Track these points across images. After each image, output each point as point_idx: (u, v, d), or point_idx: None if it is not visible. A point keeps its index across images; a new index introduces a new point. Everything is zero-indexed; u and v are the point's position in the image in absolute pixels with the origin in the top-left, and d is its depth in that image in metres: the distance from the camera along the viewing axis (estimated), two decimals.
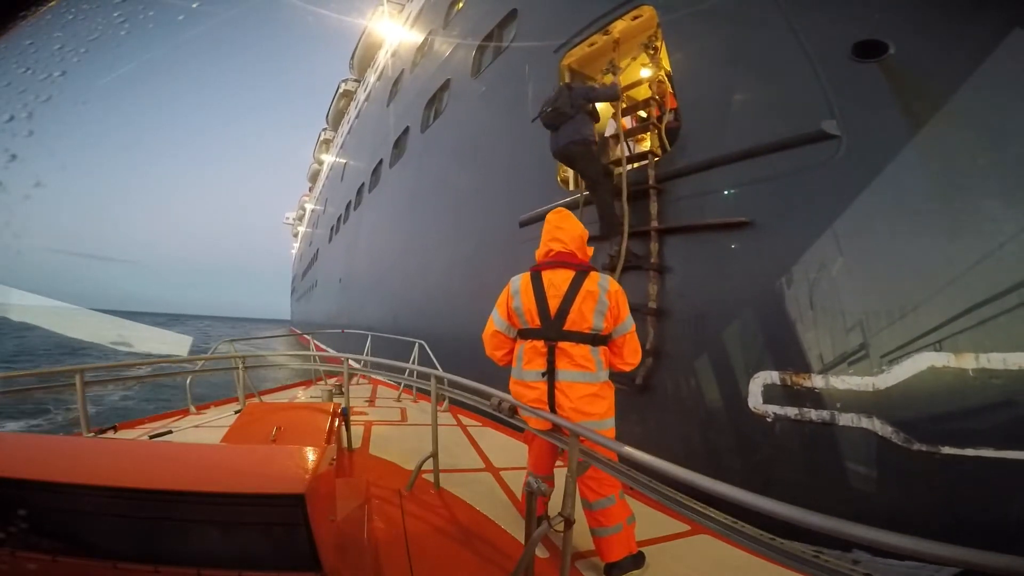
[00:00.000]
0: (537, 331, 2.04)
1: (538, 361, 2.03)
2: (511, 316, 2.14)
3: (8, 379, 3.70)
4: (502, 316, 2.17)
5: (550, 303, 2.02)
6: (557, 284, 2.04)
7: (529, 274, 2.13)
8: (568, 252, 2.10)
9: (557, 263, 2.10)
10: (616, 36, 5.04)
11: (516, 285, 2.14)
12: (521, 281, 2.13)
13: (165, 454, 1.43)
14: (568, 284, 2.02)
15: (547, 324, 2.02)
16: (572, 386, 1.99)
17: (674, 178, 3.88)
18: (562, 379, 1.99)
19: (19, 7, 0.98)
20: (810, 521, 1.03)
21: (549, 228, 2.15)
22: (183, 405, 5.10)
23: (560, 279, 2.05)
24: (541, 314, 2.03)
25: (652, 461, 1.41)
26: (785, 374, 2.90)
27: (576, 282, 2.02)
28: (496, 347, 2.23)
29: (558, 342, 2.00)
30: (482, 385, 2.68)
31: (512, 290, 2.14)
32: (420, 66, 11.33)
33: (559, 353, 2.00)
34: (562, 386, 1.99)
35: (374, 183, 14.26)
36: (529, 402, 2.07)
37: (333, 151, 26.17)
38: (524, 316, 2.07)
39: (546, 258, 2.13)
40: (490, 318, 2.23)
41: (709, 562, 2.20)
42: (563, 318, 2.00)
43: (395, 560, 2.04)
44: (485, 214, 6.92)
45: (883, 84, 2.81)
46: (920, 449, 2.40)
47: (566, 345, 1.99)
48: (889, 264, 2.68)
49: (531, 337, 2.06)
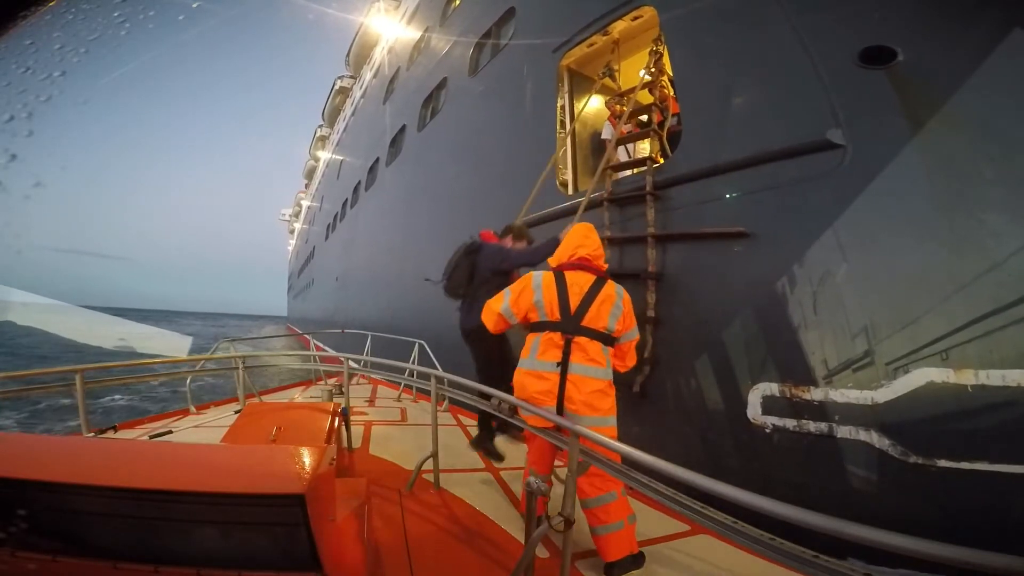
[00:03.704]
0: (556, 324, 2.17)
1: (553, 352, 2.15)
2: (526, 308, 2.28)
3: (8, 379, 3.70)
4: (511, 305, 2.32)
5: (571, 300, 2.19)
6: (580, 284, 2.22)
7: (552, 273, 2.30)
8: (591, 258, 2.29)
9: (580, 266, 2.28)
10: (616, 37, 5.01)
11: (538, 280, 2.29)
12: (544, 278, 2.29)
13: (165, 454, 1.43)
14: (589, 286, 2.21)
15: (566, 319, 2.16)
16: (584, 380, 2.10)
17: (673, 185, 3.83)
18: (574, 372, 2.10)
19: (19, 7, 0.98)
20: (810, 521, 1.03)
21: (577, 236, 2.34)
22: (185, 405, 5.11)
23: (583, 280, 2.23)
24: (562, 309, 2.18)
25: (652, 461, 1.42)
26: (785, 386, 2.89)
27: (596, 285, 2.21)
28: (494, 324, 2.42)
29: (575, 336, 2.13)
30: (482, 385, 2.69)
31: (534, 284, 2.29)
32: (417, 64, 11.26)
33: (575, 347, 2.13)
34: (574, 379, 2.10)
35: (371, 182, 14.22)
36: (537, 393, 2.14)
37: (329, 148, 26.11)
38: (544, 309, 2.22)
39: (571, 260, 2.29)
40: (501, 297, 2.39)
41: (709, 562, 2.20)
42: (582, 315, 2.15)
43: (395, 560, 2.05)
44: (483, 215, 6.90)
45: (890, 93, 2.75)
46: (916, 462, 2.40)
47: (582, 340, 2.13)
48: (892, 277, 2.64)
49: (548, 329, 2.19)
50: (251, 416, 2.63)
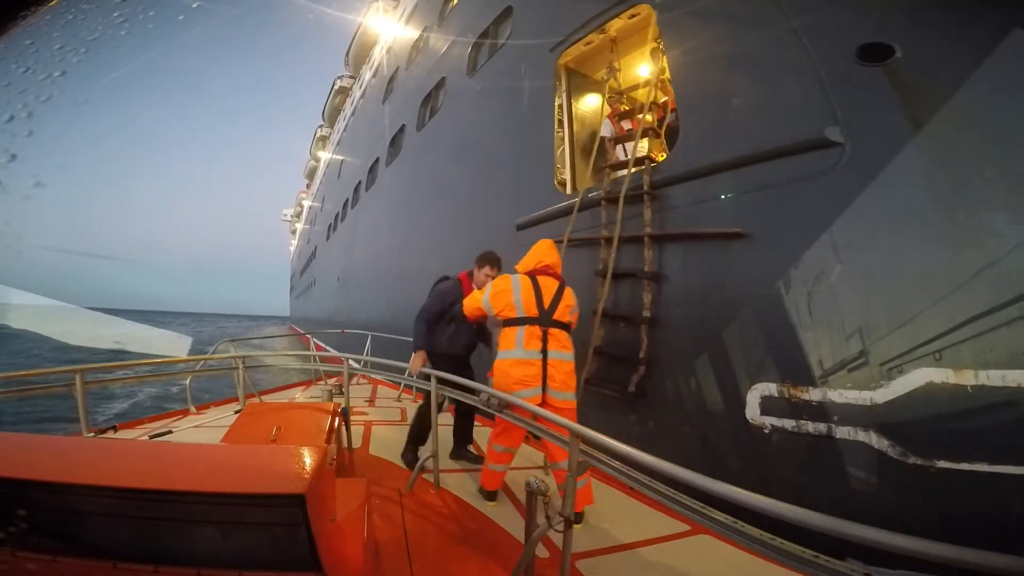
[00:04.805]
0: (534, 319, 2.65)
1: (535, 342, 2.61)
2: (504, 304, 2.70)
3: (8, 379, 3.70)
4: (490, 299, 2.76)
5: (544, 299, 2.68)
6: (548, 287, 2.73)
7: (528, 277, 2.74)
8: (553, 266, 2.81)
9: (546, 273, 2.78)
10: (613, 35, 5.00)
11: (516, 283, 2.73)
12: (521, 280, 2.74)
13: (165, 454, 1.43)
14: (555, 289, 2.74)
15: (542, 314, 2.66)
16: (561, 363, 2.62)
17: (670, 184, 3.82)
18: (553, 357, 2.61)
19: (19, 7, 0.98)
20: (810, 521, 1.03)
21: (542, 249, 2.85)
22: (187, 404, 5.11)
23: (551, 284, 2.75)
24: (538, 307, 2.66)
25: (652, 461, 1.41)
26: (783, 386, 2.89)
27: (560, 289, 2.76)
28: (473, 312, 2.93)
29: (550, 328, 2.64)
30: (481, 385, 2.70)
31: (512, 286, 2.72)
32: (415, 63, 11.25)
33: (550, 337, 2.63)
34: (553, 362, 2.60)
35: (371, 182, 14.22)
36: (525, 376, 2.55)
37: (330, 148, 26.07)
38: (523, 306, 2.66)
39: (537, 267, 2.79)
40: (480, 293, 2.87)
41: (709, 562, 2.20)
42: (552, 311, 2.67)
43: (395, 560, 2.05)
44: (482, 216, 6.89)
45: (889, 90, 2.74)
46: (915, 463, 2.40)
47: (555, 331, 2.66)
48: (890, 277, 2.64)
49: (528, 323, 2.64)
50: (251, 416, 2.63)
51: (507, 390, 2.54)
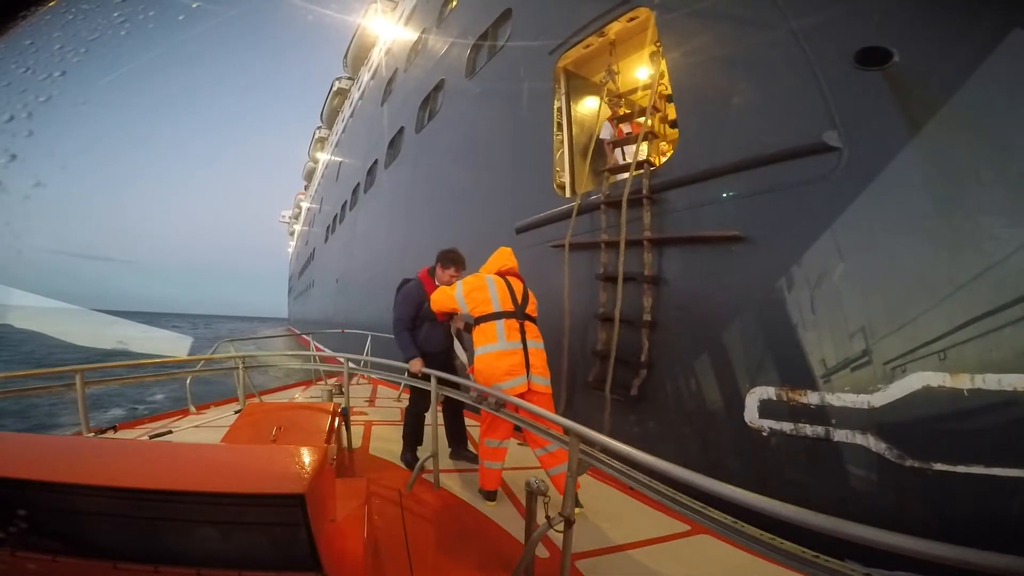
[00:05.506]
0: (511, 313, 2.85)
1: (515, 334, 2.80)
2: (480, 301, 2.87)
3: (8, 379, 3.69)
4: (464, 296, 2.92)
5: (516, 295, 2.93)
6: (517, 286, 3.00)
7: (501, 278, 2.99)
8: (515, 270, 3.11)
9: (512, 274, 3.07)
10: (612, 38, 5.01)
11: (491, 281, 2.94)
12: (494, 279, 2.96)
13: (165, 454, 1.43)
14: (522, 288, 3.01)
15: (517, 308, 2.88)
16: (537, 352, 2.84)
17: (669, 188, 3.82)
18: (531, 346, 2.81)
19: (19, 7, 0.98)
20: (810, 521, 1.03)
21: (505, 255, 3.14)
22: (189, 404, 5.10)
23: (518, 283, 3.02)
24: (513, 302, 2.89)
25: (652, 461, 1.41)
26: (782, 389, 2.89)
27: (525, 287, 3.04)
28: (439, 309, 3.10)
29: (524, 321, 2.86)
30: (480, 385, 2.70)
31: (488, 283, 2.92)
32: (414, 65, 11.21)
33: (527, 328, 2.84)
34: (532, 351, 2.79)
35: (370, 183, 14.19)
36: (510, 367, 2.69)
37: (328, 149, 26.03)
38: (499, 302, 2.86)
39: (503, 269, 3.07)
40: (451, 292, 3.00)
41: (709, 562, 2.20)
42: (524, 306, 2.92)
43: (395, 560, 2.04)
44: (481, 218, 6.87)
45: (887, 94, 2.73)
46: (913, 465, 2.41)
47: (528, 323, 2.87)
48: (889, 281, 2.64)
49: (505, 317, 2.83)
50: (251, 416, 2.63)
51: (495, 381, 2.66)
